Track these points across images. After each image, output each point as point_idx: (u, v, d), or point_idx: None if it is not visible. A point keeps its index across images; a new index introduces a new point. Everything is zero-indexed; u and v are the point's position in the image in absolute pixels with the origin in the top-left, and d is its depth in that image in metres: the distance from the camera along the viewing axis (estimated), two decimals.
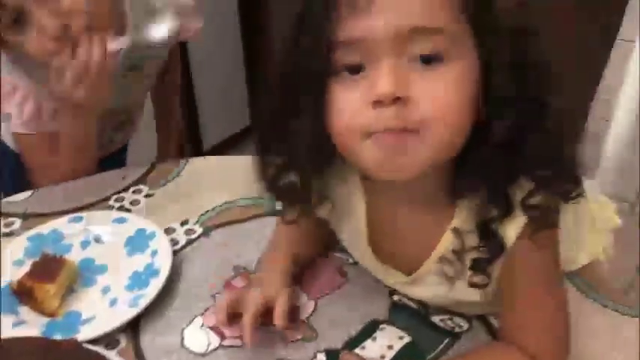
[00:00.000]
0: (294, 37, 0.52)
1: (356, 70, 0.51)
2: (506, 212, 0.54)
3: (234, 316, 0.68)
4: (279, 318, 0.66)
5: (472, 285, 0.59)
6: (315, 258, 0.79)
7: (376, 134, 0.50)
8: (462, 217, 0.58)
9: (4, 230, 0.87)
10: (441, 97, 0.49)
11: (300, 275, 0.76)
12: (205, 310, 0.74)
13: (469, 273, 0.59)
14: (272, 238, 0.79)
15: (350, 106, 0.51)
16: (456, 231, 0.58)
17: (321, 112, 0.52)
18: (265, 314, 0.67)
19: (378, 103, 0.49)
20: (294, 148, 0.55)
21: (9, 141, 1.04)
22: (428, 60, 0.49)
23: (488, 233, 0.56)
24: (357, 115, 0.51)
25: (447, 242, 0.60)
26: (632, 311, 0.71)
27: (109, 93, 0.89)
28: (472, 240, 0.57)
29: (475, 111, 0.51)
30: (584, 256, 0.77)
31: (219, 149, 2.37)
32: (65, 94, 0.85)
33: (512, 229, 0.55)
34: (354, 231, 0.66)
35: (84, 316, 0.73)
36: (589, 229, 0.77)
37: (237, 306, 0.68)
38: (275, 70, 0.55)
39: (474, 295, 0.61)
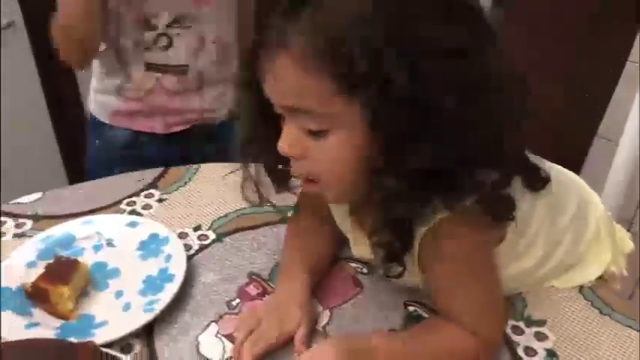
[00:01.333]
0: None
1: (282, 117, 0.61)
2: (404, 237, 0.62)
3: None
4: (297, 352, 0.68)
5: (386, 274, 0.67)
6: (329, 267, 0.79)
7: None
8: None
9: (15, 231, 0.86)
10: (326, 161, 0.60)
11: (316, 285, 0.76)
12: (220, 318, 0.73)
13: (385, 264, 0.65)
14: (285, 249, 0.79)
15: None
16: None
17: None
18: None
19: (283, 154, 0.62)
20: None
21: (99, 114, 1.16)
22: (313, 132, 0.59)
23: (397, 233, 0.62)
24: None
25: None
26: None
27: None
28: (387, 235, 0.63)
29: (370, 161, 0.58)
30: (595, 270, 0.77)
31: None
32: None
33: (420, 231, 0.62)
34: (343, 217, 0.75)
35: (97, 320, 0.72)
36: (593, 241, 0.78)
37: (255, 326, 0.69)
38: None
39: (415, 281, 0.70)
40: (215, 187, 0.96)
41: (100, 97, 1.18)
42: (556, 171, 0.75)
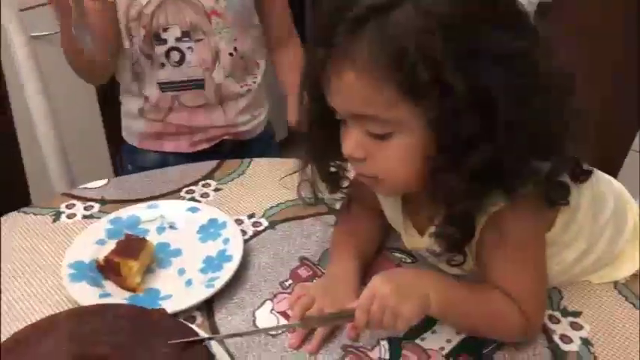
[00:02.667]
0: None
1: (345, 122, 0.67)
2: (467, 229, 0.66)
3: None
4: (352, 329, 0.72)
5: (450, 263, 0.72)
6: (375, 256, 0.84)
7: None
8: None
9: (84, 213, 0.94)
10: (388, 161, 0.65)
11: (363, 272, 0.81)
12: (274, 296, 0.79)
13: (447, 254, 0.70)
14: (335, 235, 0.84)
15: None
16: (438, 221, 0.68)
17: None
18: None
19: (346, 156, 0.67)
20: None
21: (129, 139, 1.23)
22: (377, 135, 0.63)
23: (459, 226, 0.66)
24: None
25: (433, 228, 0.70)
26: None
27: None
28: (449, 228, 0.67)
29: (429, 161, 0.63)
30: (630, 267, 0.81)
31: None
32: None
33: (480, 220, 0.67)
34: (393, 206, 0.79)
35: (162, 293, 0.78)
36: (630, 239, 0.81)
37: (309, 305, 0.74)
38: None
39: (454, 270, 0.74)
40: (267, 179, 1.02)
41: (127, 121, 1.22)
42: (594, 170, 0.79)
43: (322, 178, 0.77)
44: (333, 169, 0.77)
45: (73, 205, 0.95)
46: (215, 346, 0.68)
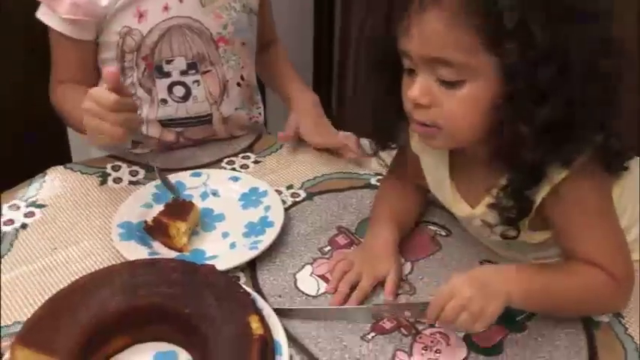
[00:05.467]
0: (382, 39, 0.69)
1: (410, 72, 0.67)
2: (533, 183, 0.66)
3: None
4: (389, 294, 0.76)
5: (503, 236, 0.72)
6: (413, 227, 0.87)
7: (413, 119, 0.69)
8: (504, 181, 0.69)
9: (130, 178, 0.97)
10: (453, 111, 0.65)
11: (400, 242, 0.83)
12: (314, 261, 0.82)
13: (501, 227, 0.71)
14: (377, 204, 0.87)
15: (405, 95, 0.69)
16: (495, 193, 0.70)
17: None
18: None
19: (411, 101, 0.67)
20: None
21: None
22: (448, 83, 0.64)
23: (518, 198, 0.68)
24: (406, 103, 0.69)
25: (490, 198, 0.71)
26: None
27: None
28: (507, 200, 0.69)
29: (497, 111, 0.64)
30: None
31: None
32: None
33: (542, 191, 0.68)
34: (440, 174, 0.80)
35: (207, 254, 0.82)
36: None
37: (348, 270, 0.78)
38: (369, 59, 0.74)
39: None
40: (303, 154, 1.05)
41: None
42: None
43: (374, 131, 0.79)
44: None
45: (119, 167, 0.99)
46: (260, 301, 0.71)
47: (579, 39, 0.60)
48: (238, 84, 1.06)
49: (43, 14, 0.96)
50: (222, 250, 0.83)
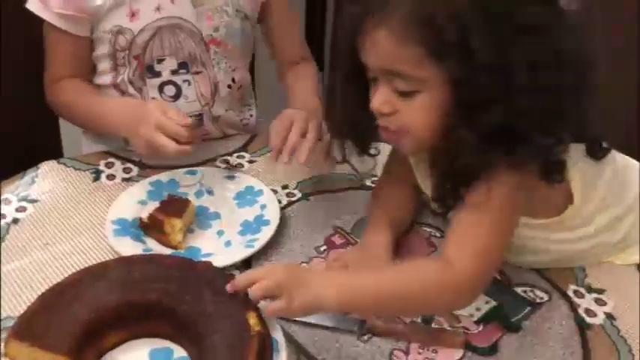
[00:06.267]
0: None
1: (375, 80, 0.70)
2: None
3: None
4: None
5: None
6: (407, 229, 0.87)
7: (380, 126, 0.72)
8: None
9: (124, 175, 0.97)
10: (412, 117, 0.68)
11: (396, 244, 0.83)
12: (310, 260, 0.82)
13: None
14: (372, 207, 0.87)
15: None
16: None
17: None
18: None
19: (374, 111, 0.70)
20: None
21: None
22: (404, 92, 0.67)
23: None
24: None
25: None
26: None
27: None
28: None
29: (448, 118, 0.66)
30: None
31: None
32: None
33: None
34: (423, 172, 0.81)
35: (203, 252, 0.82)
36: None
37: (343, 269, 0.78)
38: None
39: None
40: None
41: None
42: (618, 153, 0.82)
43: (353, 140, 0.79)
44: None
45: (112, 164, 0.98)
46: None
47: (523, 51, 0.62)
48: (229, 86, 1.06)
49: (35, 7, 0.94)
50: (218, 247, 0.82)
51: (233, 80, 1.06)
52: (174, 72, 1.00)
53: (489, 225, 0.68)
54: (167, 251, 0.81)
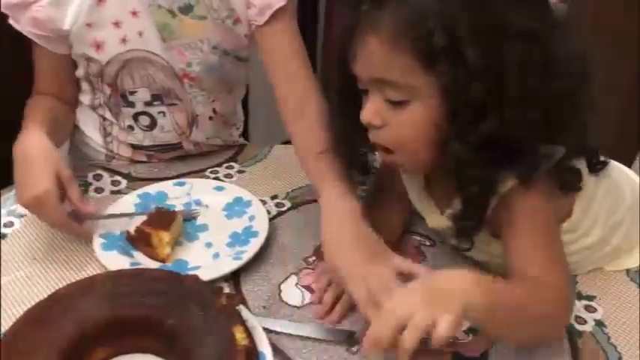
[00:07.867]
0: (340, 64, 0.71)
1: (366, 92, 0.70)
2: (482, 198, 0.68)
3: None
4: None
5: (455, 248, 0.75)
6: (398, 239, 0.87)
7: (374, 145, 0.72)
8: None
9: (112, 188, 0.96)
10: (403, 128, 0.68)
11: None
12: (299, 271, 0.82)
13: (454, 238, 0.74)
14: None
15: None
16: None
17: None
18: None
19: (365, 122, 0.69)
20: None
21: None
22: (395, 102, 0.66)
23: (469, 211, 0.69)
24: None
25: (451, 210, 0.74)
26: None
27: None
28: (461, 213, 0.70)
29: (442, 131, 0.66)
30: None
31: None
32: None
33: (492, 202, 0.69)
34: (415, 187, 0.82)
35: (190, 265, 0.81)
36: None
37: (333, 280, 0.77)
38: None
39: (482, 257, 0.78)
40: (288, 164, 1.04)
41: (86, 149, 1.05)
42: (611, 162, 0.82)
43: (350, 161, 0.80)
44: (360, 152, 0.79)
45: (101, 176, 0.98)
46: (245, 312, 0.71)
47: (514, 58, 0.61)
48: (210, 117, 1.02)
49: (14, 23, 0.90)
50: (206, 260, 0.82)
51: (214, 111, 1.02)
52: (147, 104, 0.96)
53: (553, 242, 0.69)
54: (155, 264, 0.80)
